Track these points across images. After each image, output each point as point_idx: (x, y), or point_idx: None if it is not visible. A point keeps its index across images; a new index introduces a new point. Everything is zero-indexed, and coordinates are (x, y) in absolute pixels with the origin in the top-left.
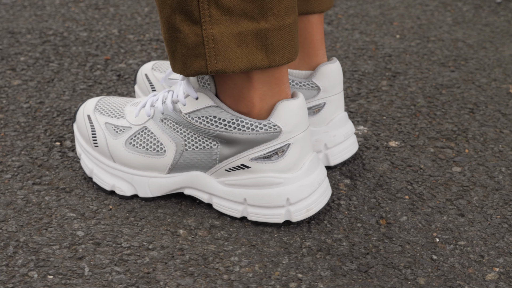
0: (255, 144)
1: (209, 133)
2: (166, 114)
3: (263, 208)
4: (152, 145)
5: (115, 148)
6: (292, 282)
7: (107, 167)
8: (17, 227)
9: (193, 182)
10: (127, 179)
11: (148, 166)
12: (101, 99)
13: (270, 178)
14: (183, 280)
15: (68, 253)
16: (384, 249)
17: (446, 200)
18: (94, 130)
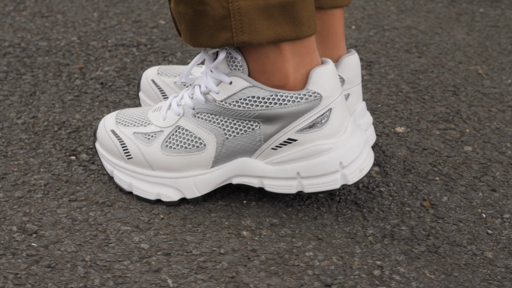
0: (298, 116)
1: (249, 115)
2: (198, 108)
3: (318, 177)
4: (190, 142)
5: (151, 155)
6: (375, 270)
7: (147, 176)
8: (76, 247)
9: (240, 169)
10: (171, 184)
11: (190, 165)
12: (118, 113)
13: (319, 146)
14: (271, 280)
15: (142, 267)
16: (442, 229)
17: (474, 178)
18: (123, 143)
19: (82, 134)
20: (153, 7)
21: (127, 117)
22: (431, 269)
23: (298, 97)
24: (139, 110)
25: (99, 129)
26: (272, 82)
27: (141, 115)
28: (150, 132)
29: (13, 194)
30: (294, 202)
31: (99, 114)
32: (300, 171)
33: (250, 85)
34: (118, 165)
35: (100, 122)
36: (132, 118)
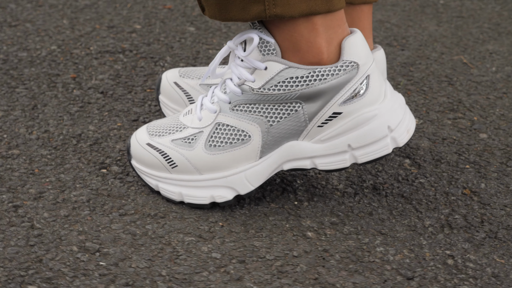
0: (339, 88)
1: (290, 97)
2: (235, 101)
3: (369, 146)
4: (234, 136)
5: (197, 158)
6: (447, 259)
7: (196, 182)
8: (147, 262)
9: (289, 153)
10: (223, 184)
11: (238, 159)
12: (148, 126)
13: (365, 114)
14: (355, 278)
15: (222, 276)
16: (492, 215)
17: (501, 164)
18: (164, 153)
19: (104, 146)
20: (123, 12)
21: (159, 128)
22: (499, 254)
23: (336, 70)
24: (169, 119)
25: (132, 146)
26: (307, 59)
27: (173, 122)
28: (189, 135)
29: (58, 213)
30: (344, 199)
31: (113, 124)
32: (350, 143)
33: (286, 67)
34: (163, 177)
35: (132, 139)
36: (164, 127)
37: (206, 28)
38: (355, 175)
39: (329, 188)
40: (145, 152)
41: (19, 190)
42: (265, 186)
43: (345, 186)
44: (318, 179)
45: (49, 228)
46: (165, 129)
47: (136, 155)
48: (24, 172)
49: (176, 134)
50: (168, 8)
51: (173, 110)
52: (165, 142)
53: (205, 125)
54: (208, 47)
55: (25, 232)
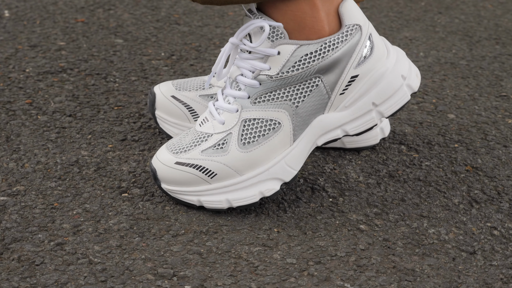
0: (351, 52)
1: (309, 73)
2: (254, 93)
3: (390, 98)
4: (265, 127)
5: (234, 160)
6: (493, 231)
7: (241, 183)
8: (231, 278)
9: (320, 129)
10: (267, 177)
11: (274, 149)
12: (167, 145)
13: (380, 70)
14: (427, 261)
15: (309, 279)
16: (502, 185)
17: (482, 139)
18: (199, 166)
19: (110, 170)
20: (35, 29)
21: (180, 144)
22: None
23: (344, 36)
24: (185, 134)
25: (159, 170)
26: (314, 35)
27: (192, 135)
28: (218, 141)
29: (108, 244)
30: (372, 189)
31: (105, 147)
32: (374, 101)
33: (298, 46)
34: (204, 190)
35: (155, 164)
36: (186, 142)
37: (134, 39)
38: (367, 166)
39: (352, 181)
40: (177, 172)
41: (51, 227)
42: (294, 188)
43: (365, 178)
44: (337, 174)
45: (110, 260)
46: (188, 143)
47: (166, 178)
48: (45, 208)
49: (203, 144)
50: (81, 22)
51: (173, 125)
52: (195, 155)
53: (231, 126)
54: (148, 57)
55: (87, 269)
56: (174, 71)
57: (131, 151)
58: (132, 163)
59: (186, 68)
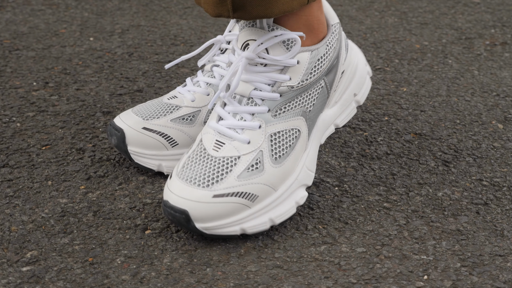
0: (341, 49)
1: (320, 77)
2: (275, 106)
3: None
4: (290, 138)
5: (272, 177)
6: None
7: (278, 199)
8: (329, 280)
9: (323, 126)
10: (297, 186)
11: (298, 156)
12: (186, 177)
13: (354, 61)
14: (485, 225)
15: (402, 261)
16: (453, 145)
17: (397, 110)
18: (240, 193)
19: (108, 210)
20: None
21: (205, 175)
22: (499, 162)
23: (334, 34)
24: (204, 166)
25: (194, 210)
26: (318, 37)
27: (212, 163)
28: (250, 162)
29: (188, 282)
30: (360, 171)
31: (78, 189)
32: (355, 91)
33: (310, 52)
34: (246, 217)
35: (186, 205)
36: (211, 171)
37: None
38: (337, 151)
39: (338, 168)
40: (217, 206)
41: (111, 283)
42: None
43: (346, 163)
44: (320, 164)
45: None
46: (216, 172)
47: (204, 216)
48: (83, 266)
49: (235, 169)
50: None
51: (151, 157)
52: (232, 183)
53: (260, 144)
54: (23, 89)
55: None
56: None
57: (110, 187)
58: (123, 198)
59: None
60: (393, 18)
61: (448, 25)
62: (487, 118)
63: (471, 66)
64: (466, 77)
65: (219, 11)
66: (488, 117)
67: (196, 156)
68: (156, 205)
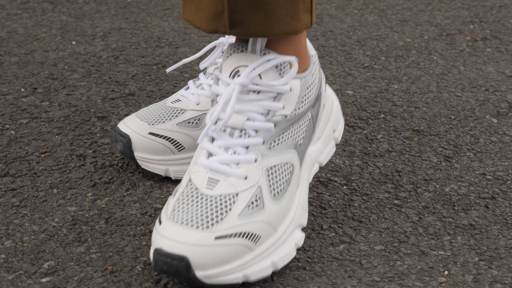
0: (321, 79)
1: (309, 107)
2: (269, 138)
3: (340, 121)
4: (285, 172)
5: (272, 216)
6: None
7: (278, 241)
8: (354, 280)
9: (310, 163)
10: (294, 226)
11: (293, 193)
12: (181, 219)
13: (330, 95)
14: (496, 219)
15: (422, 257)
16: (452, 140)
17: (391, 107)
18: (243, 233)
19: (120, 217)
20: None
21: (202, 215)
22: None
23: (315, 65)
24: (201, 205)
25: (195, 255)
26: (304, 65)
27: (209, 202)
28: (250, 199)
29: None
30: (366, 169)
31: (85, 197)
32: (334, 127)
33: (300, 79)
34: (248, 261)
35: (184, 250)
36: (208, 211)
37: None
38: (339, 150)
39: (344, 167)
40: (219, 249)
41: None
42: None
43: (351, 161)
44: (326, 164)
45: None
46: (214, 211)
47: (206, 262)
48: (103, 275)
49: (235, 207)
50: None
51: (158, 162)
52: (233, 222)
53: (257, 179)
54: (11, 96)
55: None
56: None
57: (118, 193)
58: (133, 204)
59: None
60: (373, 16)
61: (428, 22)
62: (480, 113)
63: (456, 62)
64: (453, 73)
65: (215, 27)
66: (482, 112)
67: (188, 197)
68: None
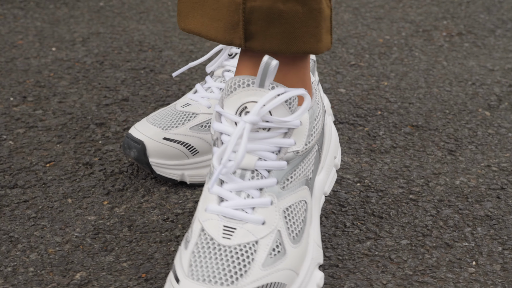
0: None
1: (317, 139)
2: (282, 176)
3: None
4: (301, 212)
5: (294, 261)
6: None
7: (301, 285)
8: (387, 275)
9: (318, 195)
10: (313, 267)
11: (309, 231)
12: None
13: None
14: (510, 209)
15: (448, 249)
16: (452, 134)
17: (388, 103)
18: (271, 284)
19: (143, 223)
20: None
21: (224, 269)
22: (497, 147)
23: (317, 92)
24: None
25: None
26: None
27: (228, 254)
28: (271, 245)
29: None
30: (375, 166)
31: (101, 205)
32: (335, 154)
33: (308, 110)
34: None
35: None
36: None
37: None
38: (345, 148)
39: (353, 165)
40: None
41: None
42: None
43: (359, 159)
44: None
45: None
46: (236, 264)
47: None
48: (138, 283)
49: (257, 257)
50: None
51: (173, 167)
52: (256, 275)
53: (276, 222)
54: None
55: None
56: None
57: (134, 200)
58: (152, 211)
59: None
60: (348, 14)
61: (402, 19)
62: (472, 106)
63: (438, 58)
64: (438, 68)
65: (230, 38)
66: (474, 106)
67: (203, 249)
68: (189, 214)
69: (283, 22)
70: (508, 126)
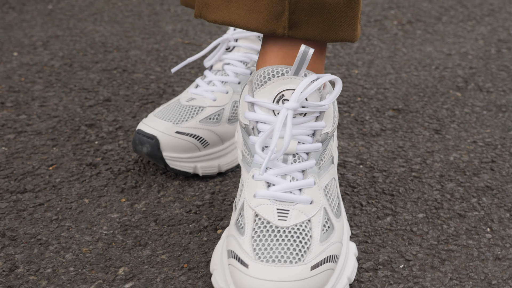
0: None
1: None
2: (318, 157)
3: None
4: (334, 188)
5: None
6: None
7: (346, 256)
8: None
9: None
10: (347, 236)
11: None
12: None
13: None
14: None
15: (468, 235)
16: (434, 116)
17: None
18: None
19: (167, 217)
20: None
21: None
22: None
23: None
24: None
25: None
26: None
27: (290, 233)
28: (321, 221)
29: None
30: (375, 149)
31: (120, 202)
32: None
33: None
34: (334, 283)
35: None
36: (293, 243)
37: None
38: (339, 133)
39: (355, 150)
40: (314, 280)
41: None
42: None
43: (356, 142)
44: None
45: None
46: (299, 242)
47: None
48: (183, 273)
49: (314, 234)
50: None
51: (186, 160)
52: (318, 250)
53: (321, 201)
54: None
55: None
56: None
57: (151, 195)
58: (173, 204)
59: None
60: None
61: None
62: (443, 89)
63: (397, 45)
64: (399, 55)
65: (273, 28)
66: (444, 88)
67: (262, 233)
68: (209, 205)
69: (325, 12)
70: (481, 105)
